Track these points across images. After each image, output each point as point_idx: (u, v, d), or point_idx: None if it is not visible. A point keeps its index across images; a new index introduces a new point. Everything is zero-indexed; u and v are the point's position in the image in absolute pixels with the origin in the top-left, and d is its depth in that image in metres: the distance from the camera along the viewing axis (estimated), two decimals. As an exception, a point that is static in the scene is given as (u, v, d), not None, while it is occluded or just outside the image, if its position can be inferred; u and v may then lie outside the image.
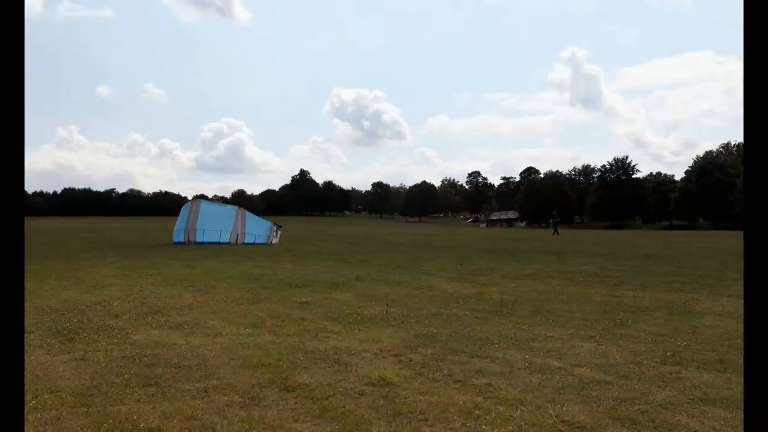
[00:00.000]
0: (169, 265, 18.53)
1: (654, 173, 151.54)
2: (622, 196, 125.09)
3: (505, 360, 6.80)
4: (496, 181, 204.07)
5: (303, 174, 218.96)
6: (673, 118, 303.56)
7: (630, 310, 10.37)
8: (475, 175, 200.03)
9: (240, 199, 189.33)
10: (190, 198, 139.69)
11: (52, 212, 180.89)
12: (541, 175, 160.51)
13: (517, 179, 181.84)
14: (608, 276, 16.20)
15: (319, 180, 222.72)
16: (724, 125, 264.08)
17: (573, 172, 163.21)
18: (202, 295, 11.89)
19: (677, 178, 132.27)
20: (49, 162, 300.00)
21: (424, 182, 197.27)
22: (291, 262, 20.59)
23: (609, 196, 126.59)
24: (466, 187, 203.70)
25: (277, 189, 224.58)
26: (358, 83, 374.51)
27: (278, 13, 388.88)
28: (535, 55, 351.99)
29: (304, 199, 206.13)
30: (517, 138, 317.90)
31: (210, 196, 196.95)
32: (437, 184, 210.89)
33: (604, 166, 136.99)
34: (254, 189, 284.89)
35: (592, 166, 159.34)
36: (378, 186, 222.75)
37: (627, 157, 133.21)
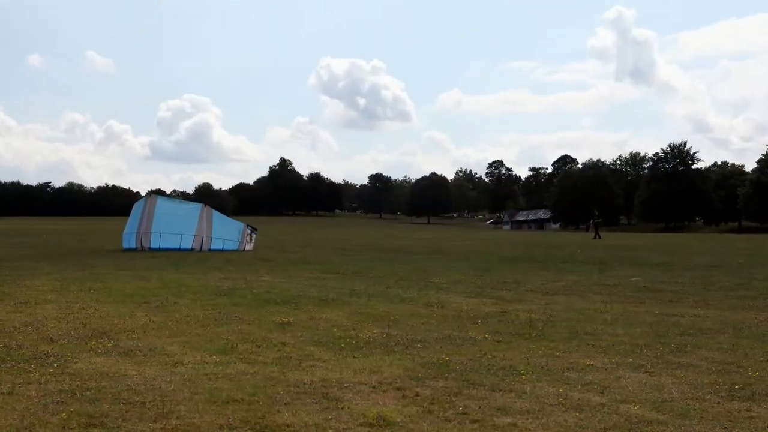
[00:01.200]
0: (117, 277, 18.54)
1: (719, 163, 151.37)
2: (680, 191, 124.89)
3: (534, 394, 6.79)
4: (522, 172, 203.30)
5: (283, 164, 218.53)
6: (743, 95, 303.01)
7: (689, 333, 10.37)
8: (497, 165, 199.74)
9: (206, 194, 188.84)
10: (143, 194, 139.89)
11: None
12: (579, 165, 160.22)
13: (549, 170, 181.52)
14: (662, 290, 16.20)
15: (304, 171, 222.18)
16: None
17: (618, 162, 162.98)
18: (159, 314, 11.89)
19: (747, 168, 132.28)
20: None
21: (433, 174, 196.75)
22: (269, 272, 20.60)
23: (663, 191, 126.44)
24: (486, 180, 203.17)
25: (251, 182, 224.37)
26: (352, 51, 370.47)
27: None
28: (571, 16, 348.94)
29: (284, 194, 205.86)
30: (548, 119, 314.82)
31: (168, 192, 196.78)
32: (450, 176, 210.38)
33: (657, 154, 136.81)
34: (223, 182, 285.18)
35: (642, 155, 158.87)
36: (376, 179, 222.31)
37: (685, 143, 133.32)
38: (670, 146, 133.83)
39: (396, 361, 8.36)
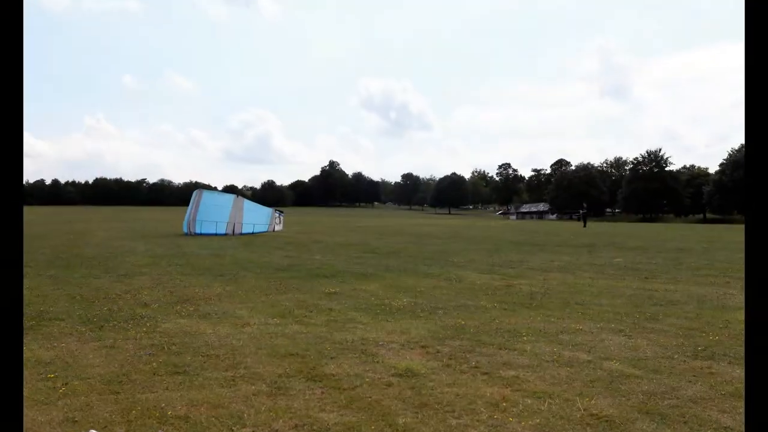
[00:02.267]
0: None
1: (687, 165, 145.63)
2: (654, 190, 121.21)
3: (533, 353, 6.78)
4: (526, 172, 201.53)
5: (332, 165, 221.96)
6: (701, 111, 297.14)
7: (661, 304, 10.20)
8: (506, 166, 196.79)
9: (270, 189, 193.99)
10: (221, 189, 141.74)
11: (84, 202, 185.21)
12: (573, 167, 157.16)
13: (548, 171, 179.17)
14: (639, 269, 15.89)
15: (349, 171, 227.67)
16: None
17: (605, 164, 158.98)
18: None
19: (711, 171, 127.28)
20: (80, 151, 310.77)
21: (453, 174, 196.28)
22: (319, 252, 20.53)
23: (641, 189, 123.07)
24: (496, 178, 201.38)
25: (306, 180, 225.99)
26: (386, 73, 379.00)
27: (305, 3, 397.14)
28: (563, 43, 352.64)
29: (333, 189, 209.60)
30: (546, 129, 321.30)
31: (240, 187, 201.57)
32: (466, 175, 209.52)
33: (636, 158, 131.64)
34: (284, 179, 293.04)
35: (623, 158, 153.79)
36: (407, 177, 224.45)
37: (660, 150, 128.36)
38: (647, 152, 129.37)
39: (421, 324, 8.37)
